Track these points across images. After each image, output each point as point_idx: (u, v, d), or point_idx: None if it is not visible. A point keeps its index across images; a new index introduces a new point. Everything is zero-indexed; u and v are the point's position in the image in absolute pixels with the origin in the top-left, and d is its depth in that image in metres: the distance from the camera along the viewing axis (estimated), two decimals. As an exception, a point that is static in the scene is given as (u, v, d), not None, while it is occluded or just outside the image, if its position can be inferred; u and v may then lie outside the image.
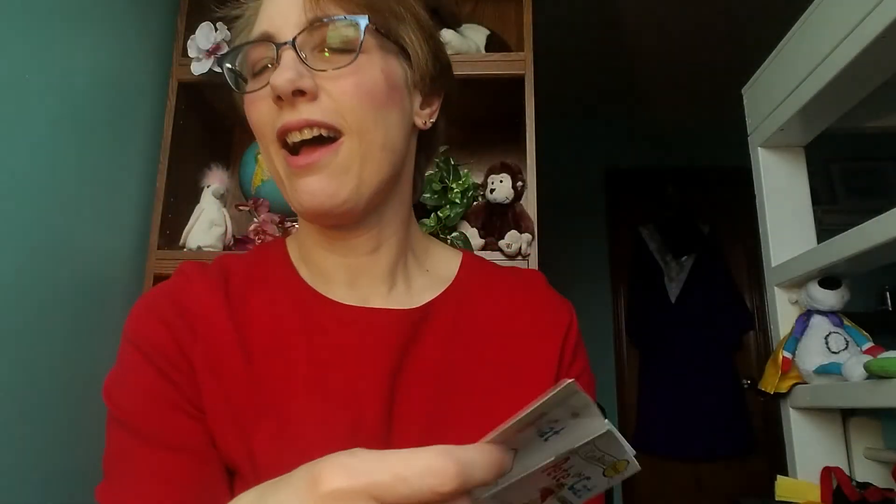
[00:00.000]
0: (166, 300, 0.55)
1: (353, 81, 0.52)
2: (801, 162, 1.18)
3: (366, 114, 0.53)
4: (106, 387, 0.53)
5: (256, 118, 0.55)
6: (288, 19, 0.53)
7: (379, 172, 0.55)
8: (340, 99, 0.52)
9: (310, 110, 0.51)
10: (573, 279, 3.08)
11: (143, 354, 0.53)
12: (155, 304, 0.55)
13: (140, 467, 0.50)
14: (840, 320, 1.04)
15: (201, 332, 0.54)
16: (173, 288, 0.57)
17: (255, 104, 0.54)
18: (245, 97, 0.56)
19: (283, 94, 0.51)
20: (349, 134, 0.52)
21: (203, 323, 0.54)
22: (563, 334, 0.63)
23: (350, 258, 0.59)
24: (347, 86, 0.52)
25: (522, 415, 0.30)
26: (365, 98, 0.53)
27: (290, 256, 0.63)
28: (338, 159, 0.52)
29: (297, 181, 0.53)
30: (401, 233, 0.61)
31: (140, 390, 0.52)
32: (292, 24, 0.53)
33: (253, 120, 0.56)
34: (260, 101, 0.54)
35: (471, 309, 0.62)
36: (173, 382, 0.52)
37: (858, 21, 0.84)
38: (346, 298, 0.59)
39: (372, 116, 0.53)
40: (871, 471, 1.01)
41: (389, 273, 0.61)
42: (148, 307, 0.55)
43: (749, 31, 2.45)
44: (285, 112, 0.52)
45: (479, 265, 0.68)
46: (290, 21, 0.53)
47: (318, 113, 0.51)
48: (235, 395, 0.52)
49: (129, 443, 0.51)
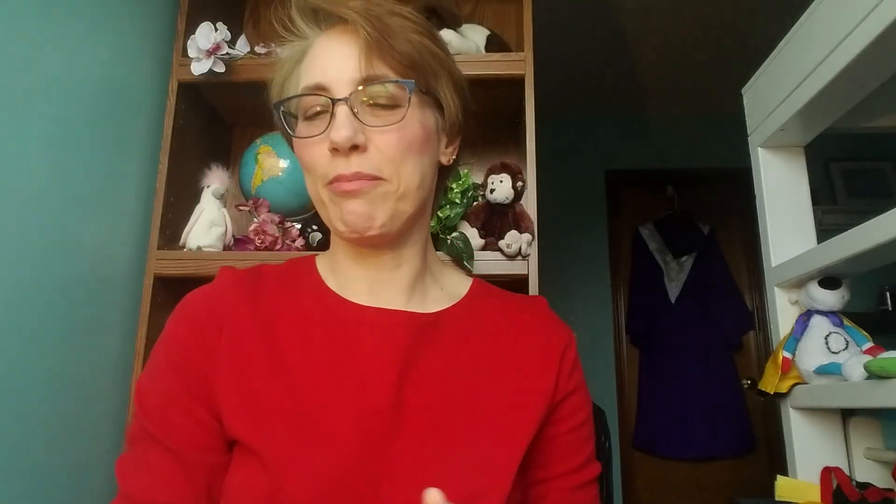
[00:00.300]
0: (201, 300, 0.65)
1: (397, 136, 0.60)
2: (801, 162, 1.18)
3: (405, 162, 0.61)
4: (140, 379, 0.63)
5: (310, 160, 0.62)
6: (342, 74, 0.60)
7: (411, 206, 0.63)
8: (386, 151, 0.60)
9: (360, 163, 0.59)
10: (573, 279, 3.08)
11: (168, 356, 0.62)
12: (190, 304, 0.65)
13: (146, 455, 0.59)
14: (840, 320, 1.04)
15: (227, 326, 0.62)
16: (209, 289, 0.66)
17: (310, 148, 0.62)
18: (298, 139, 0.63)
19: (340, 149, 0.58)
20: (389, 179, 0.60)
21: (230, 318, 0.62)
22: (560, 352, 0.68)
23: (374, 272, 0.67)
24: (393, 140, 0.60)
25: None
26: (406, 150, 0.61)
27: (318, 269, 0.70)
28: (378, 190, 0.60)
29: (343, 204, 0.60)
30: (420, 254, 0.69)
31: (157, 391, 0.61)
32: (345, 80, 0.60)
33: (305, 160, 0.63)
34: (314, 146, 0.61)
35: (478, 322, 0.69)
36: (190, 389, 0.60)
37: (858, 21, 0.84)
38: (366, 303, 0.66)
39: (410, 164, 0.61)
40: (871, 471, 1.01)
41: (409, 287, 0.68)
42: (184, 307, 0.65)
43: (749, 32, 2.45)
44: (339, 161, 0.59)
45: (487, 289, 0.75)
46: (343, 77, 0.60)
47: (366, 165, 0.59)
48: (256, 380, 0.60)
49: (142, 432, 0.60)
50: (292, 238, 1.24)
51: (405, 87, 0.60)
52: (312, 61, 0.63)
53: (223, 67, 1.24)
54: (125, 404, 1.18)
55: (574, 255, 3.09)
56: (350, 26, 0.60)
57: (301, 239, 1.25)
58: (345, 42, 0.61)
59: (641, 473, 2.96)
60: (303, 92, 0.62)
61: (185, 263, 1.19)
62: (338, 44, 0.62)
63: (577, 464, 0.67)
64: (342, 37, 0.62)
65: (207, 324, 0.62)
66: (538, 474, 0.66)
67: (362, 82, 0.60)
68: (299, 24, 0.65)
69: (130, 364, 1.18)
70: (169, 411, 0.60)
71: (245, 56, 1.28)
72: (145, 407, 0.61)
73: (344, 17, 0.60)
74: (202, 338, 0.61)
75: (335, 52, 0.61)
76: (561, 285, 2.97)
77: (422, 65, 0.62)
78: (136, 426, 0.61)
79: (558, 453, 0.66)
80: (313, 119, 0.62)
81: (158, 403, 0.60)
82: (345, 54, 0.61)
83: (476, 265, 1.14)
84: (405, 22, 0.62)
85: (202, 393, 0.60)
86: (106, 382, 1.15)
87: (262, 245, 1.22)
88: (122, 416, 1.17)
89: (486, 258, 1.16)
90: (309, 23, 0.65)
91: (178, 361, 0.61)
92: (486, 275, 1.15)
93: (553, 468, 0.66)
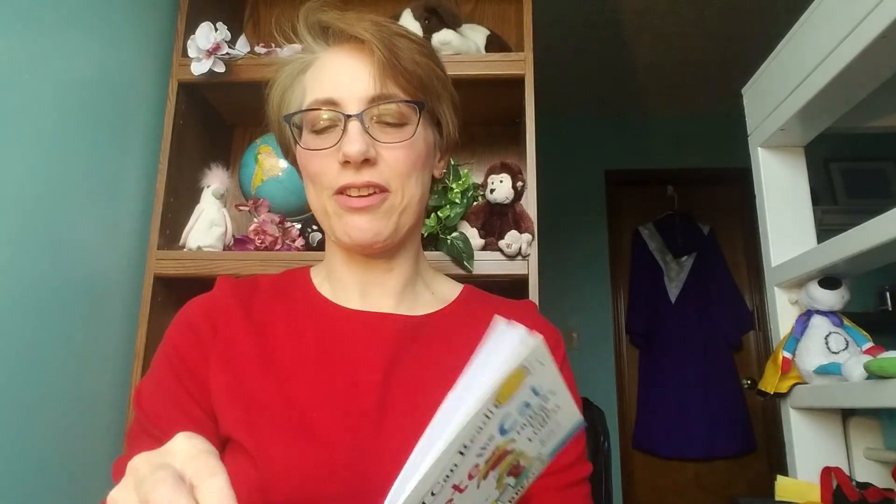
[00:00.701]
0: (197, 307, 0.67)
1: (404, 154, 0.64)
2: (801, 162, 1.18)
3: (409, 177, 0.65)
4: (140, 382, 0.66)
5: (318, 170, 0.65)
6: (353, 91, 0.63)
7: (412, 219, 0.67)
8: (394, 166, 0.64)
9: (370, 174, 0.62)
10: (573, 279, 3.08)
11: (166, 360, 0.64)
12: (187, 311, 0.67)
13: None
14: (840, 320, 1.03)
15: (221, 329, 0.65)
16: (205, 297, 0.69)
17: (319, 159, 0.64)
18: (306, 150, 0.65)
19: (353, 161, 0.61)
20: (395, 192, 0.64)
21: (224, 322, 0.65)
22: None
23: (366, 277, 0.70)
24: (400, 157, 0.64)
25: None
26: (412, 166, 0.65)
27: (312, 278, 0.73)
28: (384, 206, 0.64)
29: (349, 218, 0.64)
30: (412, 261, 0.72)
31: (155, 392, 0.63)
32: (357, 97, 0.63)
33: (312, 171, 0.65)
34: (324, 158, 0.64)
35: (466, 324, 0.70)
36: (187, 389, 0.62)
37: (858, 21, 0.84)
38: (356, 306, 0.69)
39: (414, 179, 0.65)
40: (871, 471, 1.01)
41: (399, 292, 0.70)
42: (181, 314, 0.67)
43: (749, 31, 2.45)
44: (349, 172, 0.62)
45: (477, 294, 0.77)
46: (354, 93, 0.63)
47: (376, 176, 0.63)
48: (248, 380, 0.62)
49: (140, 431, 0.62)
50: (292, 238, 1.24)
51: (415, 108, 0.64)
52: (322, 76, 0.65)
53: (223, 67, 1.24)
54: (125, 404, 1.18)
55: (574, 255, 3.09)
56: (361, 45, 0.63)
57: (301, 239, 1.25)
58: (357, 60, 0.64)
59: (641, 473, 2.96)
60: (314, 106, 0.64)
61: (185, 263, 1.19)
62: (350, 61, 0.64)
63: (565, 463, 0.67)
64: (353, 54, 0.64)
65: (202, 328, 0.65)
66: None
67: (374, 100, 0.63)
68: (306, 38, 0.67)
69: (130, 364, 1.18)
70: (166, 411, 0.62)
71: (245, 56, 1.28)
72: (144, 408, 0.63)
73: (359, 38, 0.63)
74: (197, 341, 0.64)
75: (348, 69, 0.64)
76: (561, 285, 2.97)
77: (428, 86, 0.66)
78: (134, 426, 0.63)
79: None
80: (322, 133, 0.64)
81: (156, 404, 0.62)
82: (357, 72, 0.63)
83: (476, 265, 1.14)
84: (411, 44, 0.65)
85: (198, 393, 0.62)
86: (106, 382, 1.15)
87: (262, 245, 1.22)
88: (121, 415, 1.17)
89: (486, 258, 1.16)
90: (317, 38, 0.67)
91: (175, 364, 0.64)
92: (486, 275, 1.15)
93: None
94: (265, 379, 0.62)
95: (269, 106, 0.71)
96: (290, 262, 1.08)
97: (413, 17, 1.24)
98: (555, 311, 0.76)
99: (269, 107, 0.71)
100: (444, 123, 0.71)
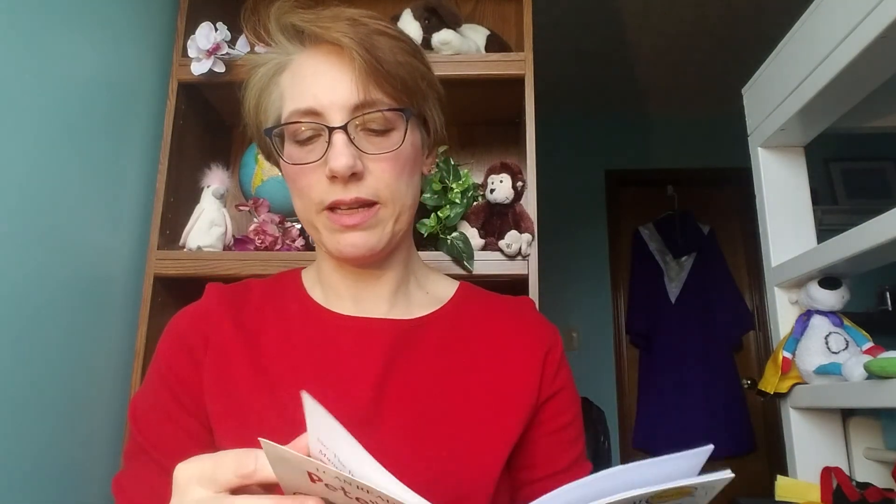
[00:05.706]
0: (187, 319, 0.66)
1: (391, 164, 0.61)
2: (801, 162, 1.18)
3: (399, 185, 0.62)
4: (133, 397, 0.65)
5: (305, 185, 0.61)
6: (334, 99, 0.59)
7: (405, 224, 0.65)
8: (382, 177, 0.60)
9: (357, 189, 0.59)
10: (573, 279, 3.08)
11: (159, 374, 0.63)
12: (177, 324, 0.66)
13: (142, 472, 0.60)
14: (840, 320, 1.04)
15: (212, 339, 0.64)
16: (194, 307, 0.68)
17: (306, 174, 0.61)
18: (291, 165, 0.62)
19: (340, 177, 0.58)
20: (385, 203, 0.61)
21: (214, 332, 0.64)
22: (544, 352, 0.68)
23: (357, 282, 0.68)
24: (388, 166, 0.61)
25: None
26: (400, 173, 0.62)
27: (303, 282, 0.71)
28: (376, 219, 0.61)
29: (340, 236, 0.61)
30: (403, 262, 0.70)
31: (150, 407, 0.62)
32: (339, 106, 0.59)
33: (300, 186, 0.62)
34: (311, 173, 0.60)
35: (462, 325, 0.69)
36: (181, 403, 0.62)
37: (858, 21, 0.84)
38: (349, 312, 0.67)
39: (404, 185, 0.62)
40: (871, 471, 1.01)
41: (391, 296, 0.68)
42: (171, 327, 0.66)
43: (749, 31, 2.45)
44: (336, 188, 0.59)
45: (473, 292, 0.75)
46: (336, 102, 0.59)
47: (364, 191, 0.60)
48: (241, 389, 0.61)
49: (137, 449, 0.61)
50: (292, 238, 1.24)
51: (402, 115, 0.61)
52: (301, 82, 0.61)
53: (223, 67, 1.24)
54: (125, 405, 1.18)
55: (574, 255, 3.09)
56: (340, 47, 0.59)
57: (301, 239, 1.25)
58: (336, 65, 0.59)
59: (641, 473, 2.96)
60: (295, 118, 0.60)
61: (185, 263, 1.19)
62: (328, 66, 0.60)
63: (565, 464, 0.67)
64: (331, 58, 0.60)
65: (194, 339, 0.64)
66: (525, 475, 0.66)
67: (358, 109, 0.59)
68: (279, 39, 0.63)
69: (130, 364, 1.18)
70: (161, 426, 0.61)
71: (245, 56, 1.28)
72: (140, 424, 0.62)
73: (336, 43, 0.58)
74: (189, 353, 0.63)
75: (327, 76, 0.59)
76: (561, 285, 2.97)
77: (413, 88, 0.62)
78: (131, 444, 0.62)
79: (544, 454, 0.66)
80: (305, 144, 0.60)
81: (151, 419, 0.62)
82: (338, 79, 0.59)
83: (476, 265, 1.14)
84: (392, 42, 0.60)
85: (192, 405, 0.62)
86: (106, 382, 1.14)
87: (262, 245, 1.22)
88: (121, 416, 1.17)
89: (486, 258, 1.16)
90: (291, 40, 0.63)
91: (168, 377, 0.63)
92: (486, 275, 1.15)
93: (539, 469, 0.66)
94: (258, 388, 0.61)
95: (244, 109, 0.67)
96: (290, 262, 1.08)
97: (413, 17, 1.24)
98: (555, 311, 0.75)
99: (245, 110, 0.67)
100: (430, 121, 0.68)
